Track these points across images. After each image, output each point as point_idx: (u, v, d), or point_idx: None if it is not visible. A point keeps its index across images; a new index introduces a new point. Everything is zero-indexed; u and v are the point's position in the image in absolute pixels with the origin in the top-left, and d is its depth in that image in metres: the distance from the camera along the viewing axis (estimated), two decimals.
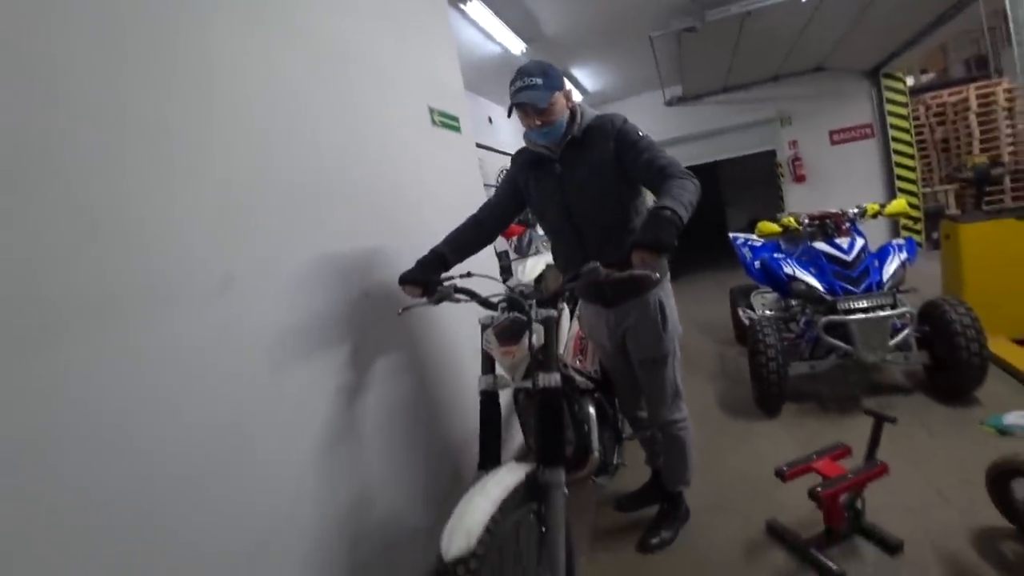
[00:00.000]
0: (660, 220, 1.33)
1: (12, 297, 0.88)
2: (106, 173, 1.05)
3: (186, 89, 1.25)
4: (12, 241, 0.89)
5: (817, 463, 1.82)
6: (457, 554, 1.08)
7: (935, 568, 1.63)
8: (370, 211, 1.88)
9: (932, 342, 2.76)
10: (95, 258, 1.01)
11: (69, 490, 0.91)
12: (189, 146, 1.23)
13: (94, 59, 1.06)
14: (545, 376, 1.40)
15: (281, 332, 1.41)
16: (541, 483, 1.37)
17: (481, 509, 1.16)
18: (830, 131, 6.97)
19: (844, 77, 6.82)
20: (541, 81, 1.58)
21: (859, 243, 3.05)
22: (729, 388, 3.39)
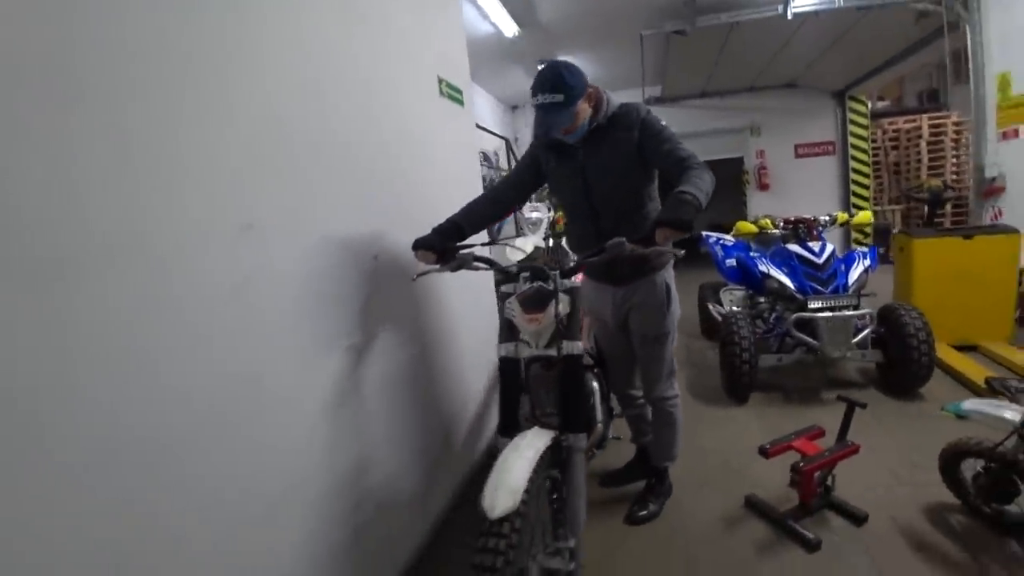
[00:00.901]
0: (681, 202, 1.40)
1: (45, 226, 0.84)
2: (137, 101, 1.01)
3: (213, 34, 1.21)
4: (46, 166, 0.84)
5: (797, 442, 1.97)
6: (503, 511, 1.11)
7: (896, 536, 1.81)
8: (381, 174, 1.86)
9: (886, 342, 3.00)
10: (127, 190, 0.97)
11: (93, 428, 0.89)
12: (214, 90, 1.19)
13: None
14: (569, 344, 1.45)
15: (298, 286, 1.40)
16: (564, 448, 1.41)
17: (520, 468, 1.20)
18: (796, 144, 7.36)
19: (813, 95, 7.20)
20: (563, 98, 1.55)
21: (829, 247, 3.27)
22: (698, 377, 3.56)
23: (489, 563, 1.07)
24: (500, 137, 6.29)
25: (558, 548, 1.35)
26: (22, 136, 0.81)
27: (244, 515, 1.17)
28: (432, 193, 2.23)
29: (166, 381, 1.02)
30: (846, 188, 7.24)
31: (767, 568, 1.74)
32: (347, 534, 1.50)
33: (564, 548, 1.36)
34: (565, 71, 1.57)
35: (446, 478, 2.18)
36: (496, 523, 1.11)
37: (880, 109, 9.31)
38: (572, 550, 1.37)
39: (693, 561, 1.81)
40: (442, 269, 1.67)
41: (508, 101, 8.44)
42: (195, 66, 1.14)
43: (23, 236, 0.80)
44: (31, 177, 0.82)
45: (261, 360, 1.26)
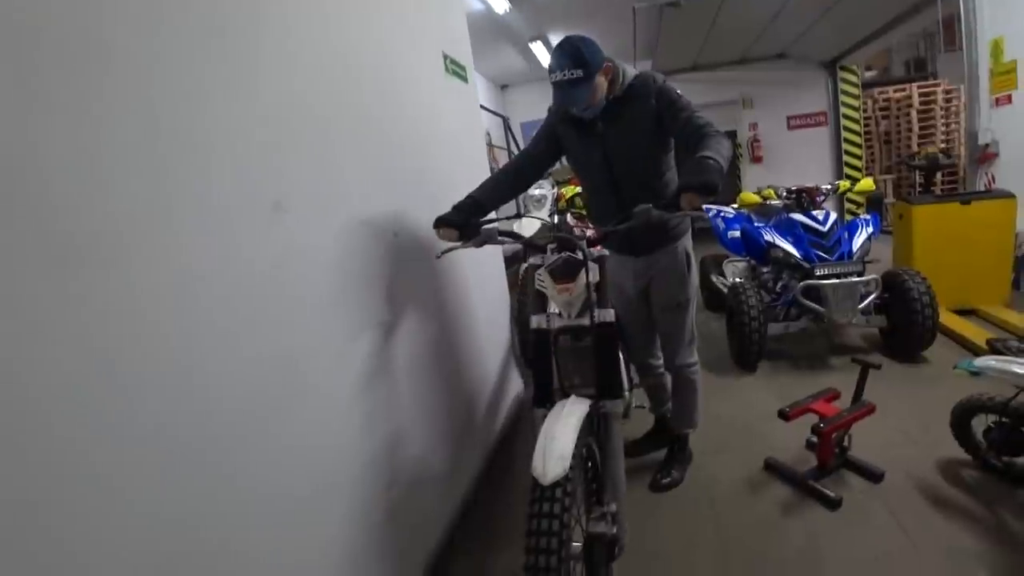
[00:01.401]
0: (704, 166, 1.41)
1: (71, 208, 0.79)
2: (165, 76, 0.97)
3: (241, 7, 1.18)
4: (72, 146, 0.80)
5: (815, 404, 2.01)
6: (555, 477, 1.14)
7: (912, 492, 1.87)
8: (398, 151, 1.85)
9: (890, 307, 3.06)
10: (154, 169, 0.93)
11: (126, 417, 0.84)
12: (243, 65, 1.16)
13: None
14: (602, 311, 1.46)
15: (327, 266, 1.39)
16: (602, 414, 1.44)
17: (567, 435, 1.22)
18: (788, 116, 7.37)
19: (804, 66, 7.19)
20: (582, 73, 1.55)
21: (832, 216, 3.30)
22: (705, 348, 3.55)
23: (545, 527, 1.10)
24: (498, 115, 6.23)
25: (602, 512, 1.38)
26: (48, 114, 0.78)
27: (287, 500, 1.16)
28: (444, 170, 2.21)
29: (200, 365, 0.98)
30: (839, 159, 7.29)
31: (794, 526, 1.80)
32: (382, 515, 1.51)
33: (608, 512, 1.38)
34: (582, 45, 1.57)
35: (470, 456, 2.20)
36: (549, 488, 1.14)
37: (869, 79, 9.36)
38: (615, 514, 1.40)
39: (722, 524, 1.86)
40: (466, 245, 1.66)
41: (498, 80, 8.35)
42: (225, 40, 1.12)
43: (50, 218, 0.77)
44: (57, 157, 0.78)
45: (296, 343, 1.24)
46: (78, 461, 0.77)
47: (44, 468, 0.73)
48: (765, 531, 1.80)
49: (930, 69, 9.41)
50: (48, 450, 0.74)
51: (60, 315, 0.77)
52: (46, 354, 0.75)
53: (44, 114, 0.77)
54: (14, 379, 0.71)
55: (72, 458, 0.76)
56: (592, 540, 1.33)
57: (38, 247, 0.75)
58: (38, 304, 0.74)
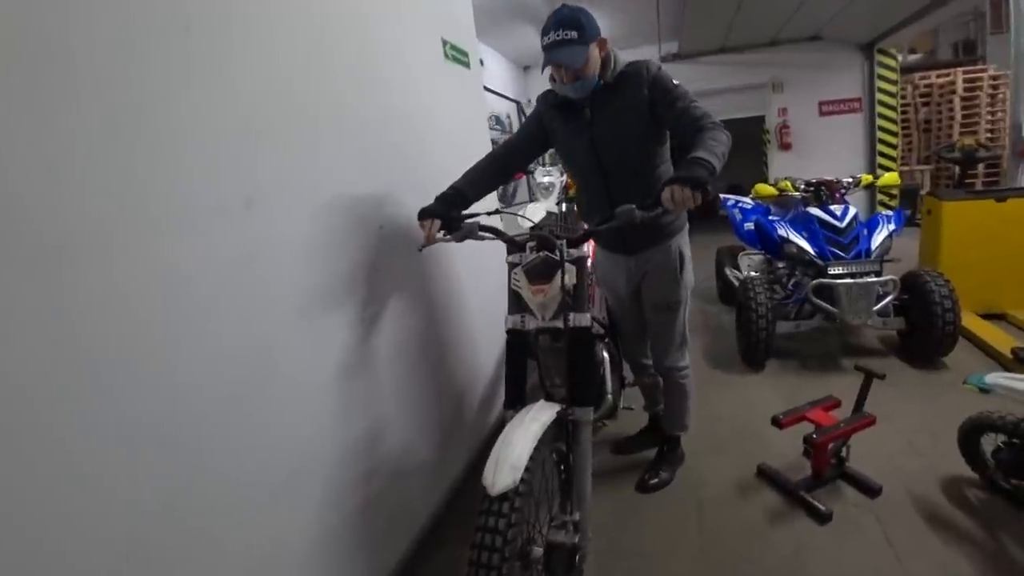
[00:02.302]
0: (693, 163, 1.32)
1: (41, 210, 0.81)
2: (131, 72, 0.96)
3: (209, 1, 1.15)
4: (49, 150, 0.82)
5: (811, 412, 1.93)
6: (503, 488, 1.10)
7: (910, 509, 1.78)
8: (383, 142, 1.81)
9: (909, 309, 2.91)
10: (123, 167, 0.93)
11: (104, 413, 0.88)
12: (211, 59, 1.14)
13: None
14: (577, 316, 1.41)
15: (304, 259, 1.38)
16: (570, 422, 1.39)
17: (523, 444, 1.18)
18: (820, 101, 7.04)
19: (839, 49, 6.84)
20: (577, 35, 1.50)
21: (851, 211, 3.15)
22: (714, 342, 3.52)
23: (488, 542, 1.07)
24: (511, 100, 6.12)
25: (563, 521, 1.35)
26: (14, 116, 0.77)
27: (259, 488, 1.18)
28: (439, 160, 2.17)
29: (175, 359, 1.01)
30: (873, 147, 6.94)
31: (780, 536, 1.74)
32: (360, 503, 1.52)
33: (569, 521, 1.35)
34: (579, 11, 1.54)
35: (459, 447, 2.20)
36: (496, 500, 1.11)
37: (911, 63, 8.88)
38: (577, 523, 1.37)
39: (705, 529, 1.82)
40: (448, 239, 1.62)
41: (519, 61, 8.18)
42: (192, 36, 1.09)
43: (20, 221, 0.78)
44: (23, 158, 0.79)
45: (271, 334, 1.25)
46: (59, 453, 0.81)
47: (26, 461, 0.77)
48: (750, 539, 1.75)
49: (979, 52, 8.88)
50: (30, 443, 0.77)
51: (36, 313, 0.79)
52: (24, 352, 0.77)
53: (10, 116, 0.77)
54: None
55: (53, 450, 0.80)
56: (551, 549, 1.30)
57: (10, 248, 0.76)
58: (17, 307, 0.76)
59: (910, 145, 7.46)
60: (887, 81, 6.79)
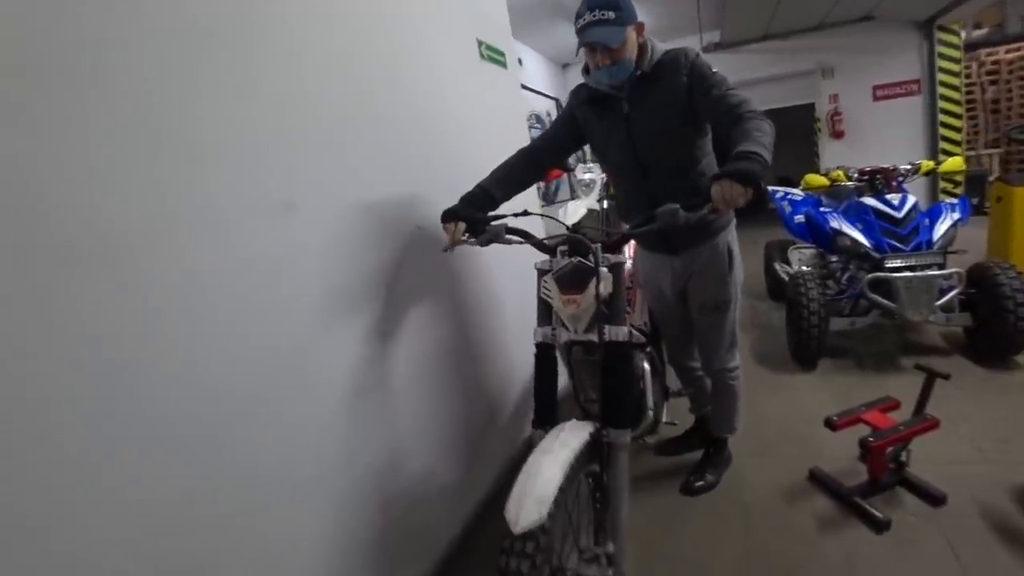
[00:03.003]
0: (743, 157, 1.23)
1: (78, 212, 0.84)
2: (158, 78, 0.99)
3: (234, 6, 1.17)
4: (76, 153, 0.85)
5: (867, 414, 1.83)
6: (527, 526, 0.98)
7: (977, 521, 1.66)
8: (421, 143, 1.82)
9: (976, 304, 2.72)
10: (154, 172, 0.97)
11: (137, 412, 0.91)
12: (238, 65, 1.16)
13: None
14: (613, 329, 1.30)
15: (340, 261, 1.39)
16: (604, 444, 1.29)
17: (551, 474, 1.07)
18: (874, 86, 6.67)
19: (894, 28, 6.45)
20: (614, 15, 1.44)
21: (910, 200, 2.97)
22: (762, 340, 3.40)
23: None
24: (550, 98, 6.08)
25: (595, 554, 1.25)
26: (42, 121, 0.81)
27: (280, 492, 1.19)
28: (476, 160, 2.16)
29: (207, 362, 1.03)
30: (934, 132, 6.52)
31: (831, 545, 1.66)
32: (379, 515, 1.48)
33: (602, 554, 1.25)
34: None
35: (489, 460, 2.15)
36: (520, 539, 1.00)
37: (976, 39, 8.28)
38: (611, 556, 1.27)
39: (752, 534, 1.75)
40: (471, 242, 1.54)
41: (558, 59, 8.12)
42: (217, 40, 1.13)
43: (53, 225, 0.81)
44: (55, 163, 0.82)
45: (302, 339, 1.26)
46: (87, 450, 0.84)
47: (59, 457, 0.80)
48: (799, 546, 1.67)
49: None
50: (62, 440, 0.81)
51: (68, 314, 0.82)
52: (57, 351, 0.81)
53: (46, 121, 0.81)
54: (26, 374, 0.78)
55: (81, 447, 0.83)
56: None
57: (45, 256, 0.80)
58: (46, 303, 0.80)
59: (976, 128, 6.98)
60: (949, 60, 6.36)
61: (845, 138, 6.85)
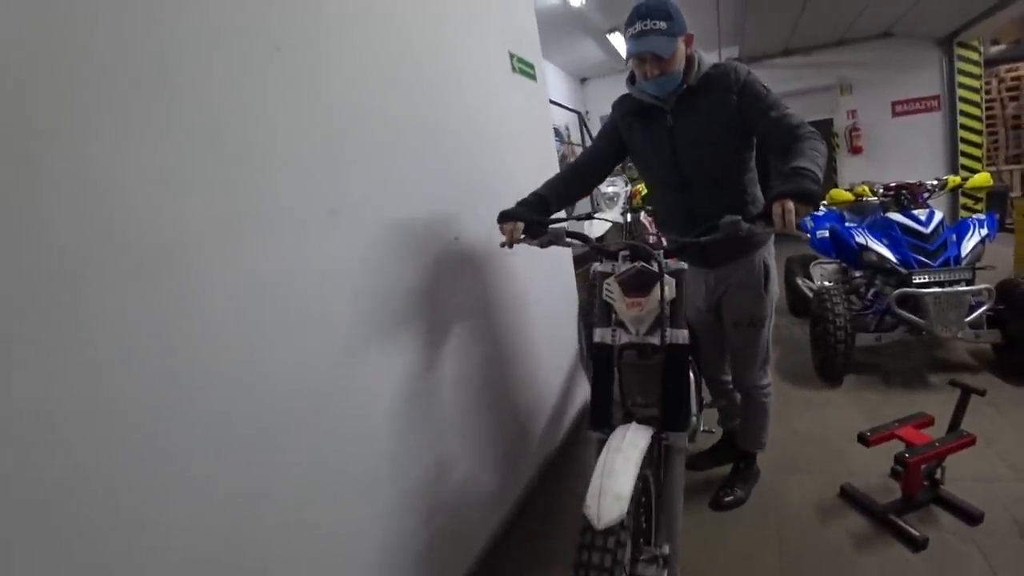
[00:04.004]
0: (799, 175, 1.25)
1: (143, 220, 0.87)
2: (226, 89, 1.03)
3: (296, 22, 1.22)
4: (145, 158, 0.88)
5: (901, 430, 1.82)
6: (609, 522, 1.03)
7: (1017, 540, 1.64)
8: (460, 154, 1.85)
9: (1005, 321, 2.70)
10: (219, 177, 1.00)
11: (203, 415, 0.94)
12: (300, 68, 1.21)
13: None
14: (674, 332, 1.32)
15: (382, 270, 1.41)
16: (664, 447, 1.32)
17: (626, 473, 1.11)
18: (893, 102, 6.68)
19: (914, 44, 6.47)
20: (665, 25, 1.42)
21: (937, 216, 2.97)
22: (786, 357, 3.38)
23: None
24: (572, 111, 6.13)
25: (653, 555, 1.27)
26: (119, 132, 0.85)
27: (338, 495, 1.22)
28: (510, 170, 2.21)
29: (262, 367, 1.06)
30: (954, 148, 6.50)
31: (867, 563, 1.64)
32: (427, 518, 1.51)
33: (659, 555, 1.27)
34: (669, 3, 1.45)
35: (523, 466, 2.17)
36: (601, 535, 1.02)
37: (994, 55, 8.25)
38: (667, 558, 1.29)
39: (786, 551, 1.74)
40: (531, 242, 1.57)
41: (577, 74, 8.21)
42: (283, 51, 1.17)
43: (124, 231, 0.84)
44: (132, 175, 0.86)
45: (349, 346, 1.29)
46: (161, 448, 0.87)
47: (130, 452, 0.83)
48: (833, 564, 1.66)
49: None
50: (132, 436, 0.84)
51: (141, 325, 0.86)
52: (132, 354, 0.84)
53: (115, 135, 0.84)
54: (102, 375, 0.81)
55: (156, 445, 0.87)
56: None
57: (116, 263, 0.83)
58: (122, 316, 0.83)
59: (996, 143, 6.93)
60: (969, 76, 6.35)
61: (864, 154, 6.84)
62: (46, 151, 0.76)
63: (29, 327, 0.73)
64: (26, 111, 0.74)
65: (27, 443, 0.72)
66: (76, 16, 0.80)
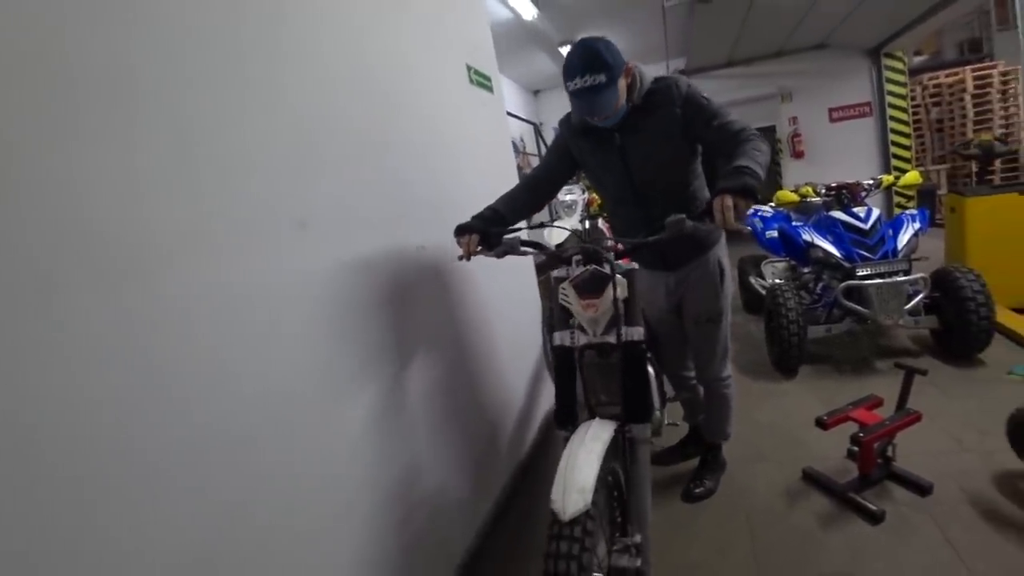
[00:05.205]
0: (739, 172, 1.31)
1: (109, 228, 0.85)
2: (191, 99, 1.02)
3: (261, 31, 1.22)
4: (106, 169, 0.86)
5: (855, 412, 1.93)
6: (574, 513, 1.07)
7: (965, 507, 1.76)
8: (422, 165, 1.87)
9: (942, 307, 2.89)
10: (185, 189, 0.99)
11: (167, 419, 0.91)
12: (264, 82, 1.20)
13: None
14: (630, 329, 1.38)
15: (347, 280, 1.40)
16: (628, 439, 1.37)
17: (589, 465, 1.15)
18: (830, 108, 7.10)
19: (845, 55, 6.91)
20: (605, 78, 1.40)
21: (875, 212, 3.16)
22: (743, 352, 3.50)
23: (563, 569, 1.03)
24: (528, 122, 6.24)
25: (625, 544, 1.31)
26: (83, 139, 0.83)
27: (311, 503, 1.20)
28: (471, 180, 2.23)
29: (234, 375, 1.04)
30: (886, 151, 6.95)
31: (833, 540, 1.72)
32: (401, 529, 1.48)
33: (632, 544, 1.31)
34: (603, 47, 1.43)
35: (496, 471, 2.18)
36: (567, 525, 1.07)
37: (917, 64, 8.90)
38: (639, 546, 1.33)
39: (757, 536, 1.81)
40: (487, 254, 1.60)
41: (530, 86, 8.37)
42: (247, 65, 1.17)
43: (88, 239, 0.83)
44: (92, 181, 0.84)
45: (320, 358, 1.27)
46: (134, 452, 0.85)
47: (101, 458, 0.81)
48: (803, 544, 1.73)
49: (985, 50, 8.88)
50: (109, 451, 0.81)
51: (106, 332, 0.83)
52: (101, 370, 0.82)
53: (78, 142, 0.83)
54: (67, 385, 0.78)
55: (129, 458, 0.84)
56: (615, 575, 1.26)
57: (80, 270, 0.81)
58: (86, 323, 0.81)
59: (923, 146, 7.45)
60: (896, 84, 6.82)
61: (805, 157, 7.23)
62: (12, 157, 0.74)
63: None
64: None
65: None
66: (42, 23, 0.80)
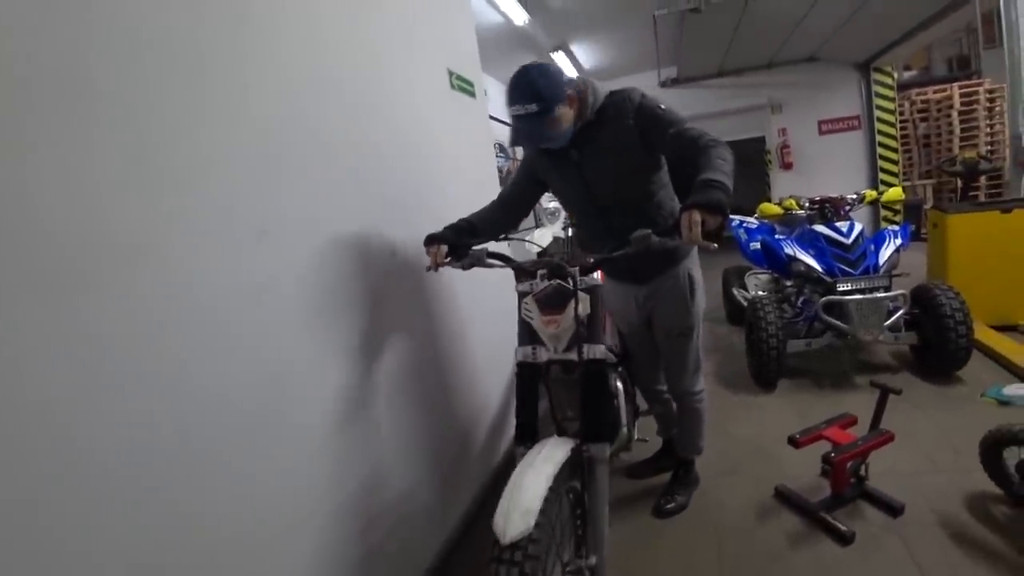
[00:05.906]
0: (707, 186, 1.25)
1: (64, 234, 0.83)
2: (150, 103, 0.99)
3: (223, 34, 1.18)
4: (61, 173, 0.84)
5: (828, 431, 1.91)
6: (515, 536, 1.04)
7: (935, 528, 1.74)
8: (396, 169, 1.84)
9: (921, 324, 2.89)
10: (143, 195, 0.96)
11: (123, 433, 0.89)
12: (225, 84, 1.17)
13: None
14: (591, 347, 1.35)
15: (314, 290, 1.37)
16: (586, 459, 1.33)
17: (536, 487, 1.11)
18: (819, 121, 7.13)
19: (835, 68, 6.95)
20: (536, 107, 1.41)
21: (857, 227, 3.16)
22: (723, 363, 3.49)
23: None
24: None
25: (579, 567, 1.28)
26: (36, 143, 0.81)
27: (271, 515, 1.17)
28: (448, 186, 2.21)
29: (193, 383, 1.02)
30: (874, 164, 7.00)
31: (800, 560, 1.70)
32: (363, 537, 1.46)
33: (585, 567, 1.28)
34: (539, 77, 1.43)
35: (466, 480, 2.15)
36: (508, 548, 1.04)
37: (907, 79, 8.98)
38: (594, 568, 1.30)
39: (724, 554, 1.78)
40: (454, 265, 1.59)
41: None
42: (207, 66, 1.13)
43: (43, 245, 0.80)
44: (47, 185, 0.82)
45: (282, 364, 1.24)
46: (83, 469, 0.83)
47: (55, 475, 0.79)
48: (770, 563, 1.71)
49: (974, 67, 8.99)
50: (56, 459, 0.80)
51: (60, 339, 0.81)
52: (51, 377, 0.80)
53: (32, 146, 0.80)
54: (22, 395, 0.77)
55: (77, 466, 0.82)
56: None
57: (34, 277, 0.79)
58: (40, 330, 0.79)
59: (911, 160, 7.51)
60: (885, 98, 6.87)
61: (794, 169, 7.25)
62: None
63: None
64: None
65: None
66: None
